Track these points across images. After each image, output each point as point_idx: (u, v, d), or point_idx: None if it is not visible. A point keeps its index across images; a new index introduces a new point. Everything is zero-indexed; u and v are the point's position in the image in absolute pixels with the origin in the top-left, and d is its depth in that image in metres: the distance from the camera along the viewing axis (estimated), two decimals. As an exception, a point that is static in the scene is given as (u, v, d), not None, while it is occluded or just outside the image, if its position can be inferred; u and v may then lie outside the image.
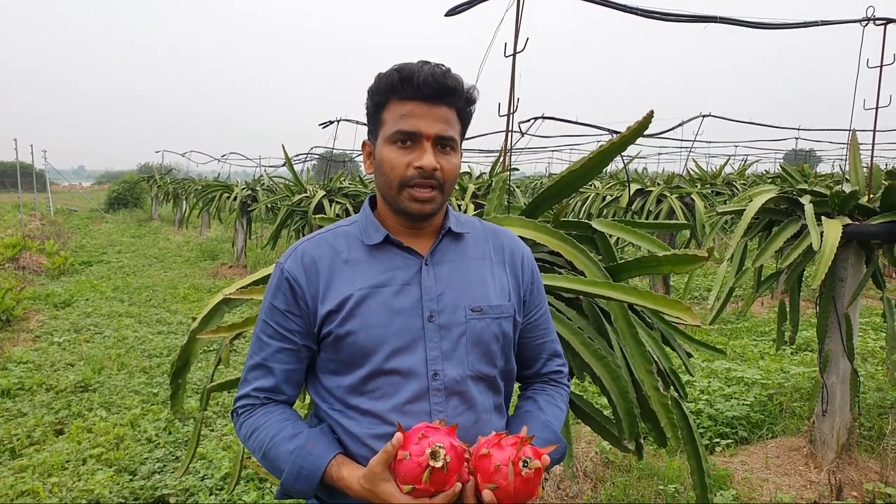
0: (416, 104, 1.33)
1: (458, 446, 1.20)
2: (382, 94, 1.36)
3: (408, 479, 1.17)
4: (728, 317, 7.79)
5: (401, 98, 1.34)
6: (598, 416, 2.25)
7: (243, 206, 11.73)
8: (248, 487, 3.62)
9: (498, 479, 1.20)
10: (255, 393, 1.42)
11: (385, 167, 1.36)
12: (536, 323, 1.54)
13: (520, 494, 1.20)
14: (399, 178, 1.34)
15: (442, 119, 1.34)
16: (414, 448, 1.18)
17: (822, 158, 24.91)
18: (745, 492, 3.54)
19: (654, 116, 2.02)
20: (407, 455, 1.17)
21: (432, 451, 1.16)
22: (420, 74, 1.31)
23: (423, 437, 1.19)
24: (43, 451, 4.19)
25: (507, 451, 1.22)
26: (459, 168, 1.41)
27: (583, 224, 2.36)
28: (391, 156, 1.34)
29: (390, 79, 1.34)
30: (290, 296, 1.39)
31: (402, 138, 1.33)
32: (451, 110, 1.36)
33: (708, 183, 9.03)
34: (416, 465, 1.16)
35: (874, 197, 3.69)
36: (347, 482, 1.27)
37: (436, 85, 1.32)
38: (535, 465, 1.20)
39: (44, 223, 18.90)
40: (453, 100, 1.36)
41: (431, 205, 1.35)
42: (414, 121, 1.32)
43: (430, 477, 1.16)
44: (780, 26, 3.83)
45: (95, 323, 7.63)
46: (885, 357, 4.20)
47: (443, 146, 1.35)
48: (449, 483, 1.18)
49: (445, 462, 1.16)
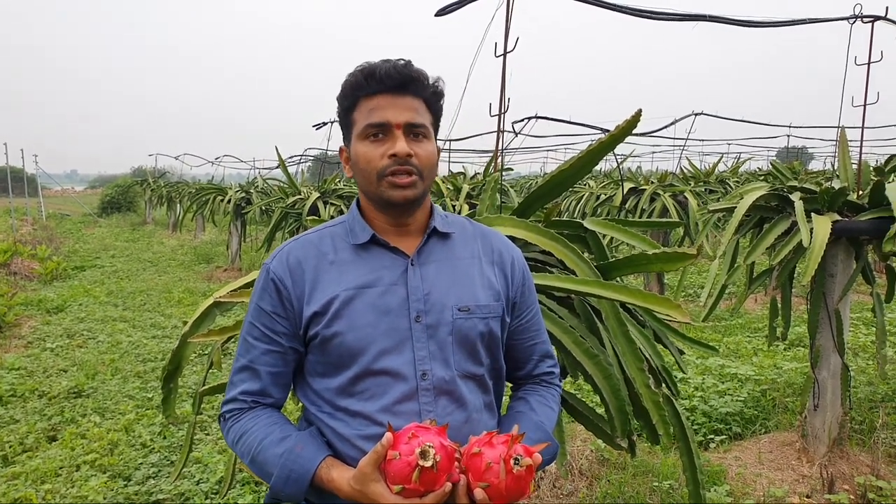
0: (382, 97, 1.35)
1: (449, 446, 1.21)
2: (350, 95, 1.39)
3: (397, 479, 1.18)
4: (722, 314, 7.81)
5: (367, 94, 1.36)
6: (591, 415, 2.26)
7: (237, 208, 11.71)
8: (243, 491, 3.62)
9: (489, 478, 1.20)
10: (242, 397, 1.42)
11: (361, 162, 1.37)
12: (528, 325, 1.55)
13: (511, 492, 1.21)
14: (376, 169, 1.35)
15: (409, 108, 1.36)
16: (403, 448, 1.18)
17: (814, 155, 24.99)
18: (739, 487, 3.55)
19: (642, 115, 2.03)
20: (397, 455, 1.18)
21: (422, 451, 1.16)
22: (382, 68, 1.35)
23: (413, 436, 1.19)
24: (36, 457, 4.17)
25: (498, 449, 1.22)
26: (436, 155, 1.42)
27: (574, 223, 2.37)
28: (365, 150, 1.36)
29: (355, 79, 1.38)
30: (276, 297, 1.39)
31: (374, 132, 1.36)
32: (417, 100, 1.38)
33: (701, 181, 9.05)
34: (405, 464, 1.17)
35: (863, 193, 3.71)
36: (337, 484, 1.27)
37: (398, 76, 1.35)
38: (526, 462, 1.21)
39: (36, 228, 18.81)
40: (418, 89, 1.38)
41: (413, 190, 1.36)
42: (381, 112, 1.35)
43: (420, 476, 1.16)
44: (768, 24, 3.85)
45: (89, 328, 7.60)
46: (875, 351, 4.22)
47: (415, 134, 1.37)
48: (439, 482, 1.18)
49: (435, 461, 1.16)
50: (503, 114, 2.86)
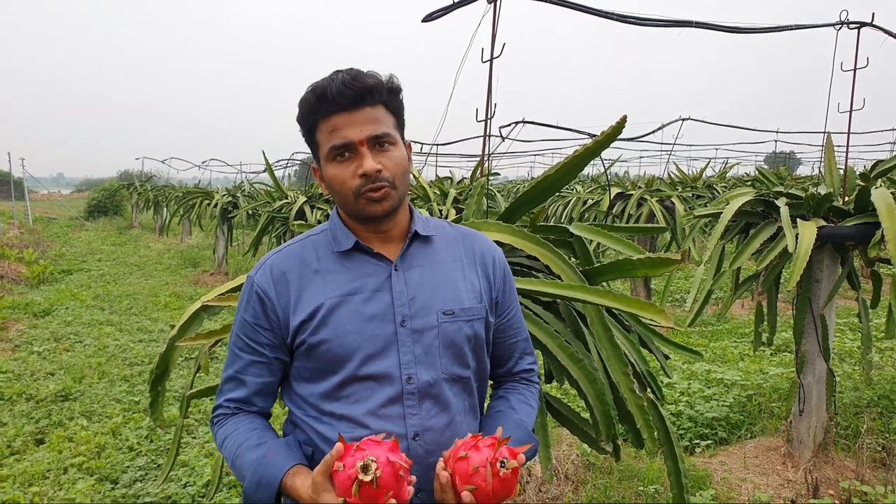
0: (339, 116, 1.34)
1: (397, 462, 1.19)
2: (308, 118, 1.38)
3: (340, 492, 1.17)
4: (708, 319, 7.85)
5: (324, 115, 1.35)
6: (576, 419, 2.27)
7: (224, 212, 11.68)
8: (230, 494, 3.61)
9: (476, 481, 1.21)
10: (227, 404, 1.45)
11: (335, 185, 1.37)
12: (509, 323, 1.56)
13: (498, 494, 1.22)
14: (350, 190, 1.35)
15: (369, 120, 1.34)
16: (348, 460, 1.18)
17: (801, 161, 25.14)
18: (724, 491, 3.57)
19: (628, 121, 2.05)
20: (341, 466, 1.17)
21: (363, 465, 1.15)
22: (332, 87, 1.32)
23: (360, 449, 1.19)
24: (23, 460, 4.15)
25: (484, 452, 1.23)
26: (406, 160, 1.41)
27: (560, 228, 2.38)
28: (335, 172, 1.36)
29: (308, 102, 1.36)
30: (260, 308, 1.40)
31: (339, 152, 1.35)
32: (375, 108, 1.36)
33: (688, 186, 9.08)
34: (346, 477, 1.16)
35: (849, 199, 3.74)
36: (299, 492, 1.27)
37: (350, 92, 1.32)
38: (511, 464, 1.22)
39: (22, 232, 18.70)
40: (374, 98, 1.36)
41: (389, 201, 1.36)
42: (342, 132, 1.33)
43: (360, 491, 1.15)
44: (755, 30, 3.88)
45: (76, 332, 7.56)
46: (860, 357, 4.25)
47: (380, 144, 1.36)
48: (380, 498, 1.16)
49: (375, 476, 1.15)
50: (490, 119, 2.88)
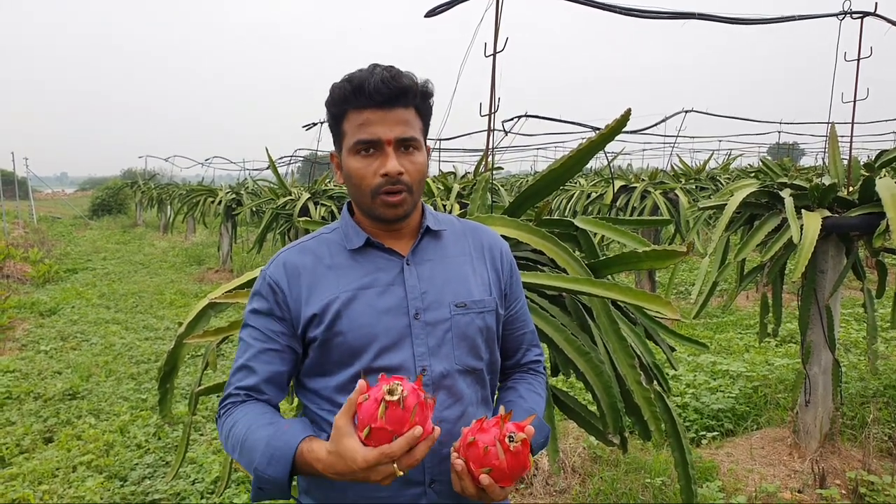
0: (371, 111, 1.33)
1: (421, 395, 1.17)
2: (338, 105, 1.37)
3: (365, 421, 1.15)
4: (713, 311, 7.85)
5: (356, 107, 1.34)
6: (583, 412, 2.27)
7: (228, 210, 11.69)
8: (238, 490, 3.62)
9: (490, 461, 1.21)
10: (236, 391, 1.41)
11: (354, 178, 1.37)
12: (517, 315, 1.58)
13: (514, 469, 1.23)
14: (368, 187, 1.36)
15: (400, 122, 1.34)
16: (373, 391, 1.17)
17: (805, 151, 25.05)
18: (731, 483, 3.58)
19: (632, 113, 2.05)
20: (366, 397, 1.16)
21: (389, 388, 1.14)
22: (371, 82, 1.31)
23: (383, 380, 1.17)
24: (32, 459, 4.18)
25: (491, 432, 1.24)
26: (426, 166, 1.42)
27: (565, 222, 2.38)
28: (357, 166, 1.36)
29: (343, 90, 1.35)
30: (272, 298, 1.41)
31: (364, 147, 1.35)
32: (407, 110, 1.36)
33: (692, 178, 9.07)
34: (372, 401, 1.14)
35: (853, 189, 3.73)
36: (316, 453, 1.22)
37: (387, 90, 1.32)
38: (520, 437, 1.23)
39: (27, 231, 18.75)
40: (408, 100, 1.36)
41: (403, 208, 1.38)
42: (372, 128, 1.33)
43: (386, 413, 1.12)
44: (758, 21, 3.88)
45: (82, 330, 7.59)
46: (866, 347, 4.25)
47: (405, 147, 1.36)
48: (406, 422, 1.14)
49: (402, 396, 1.13)
50: (493, 113, 2.88)
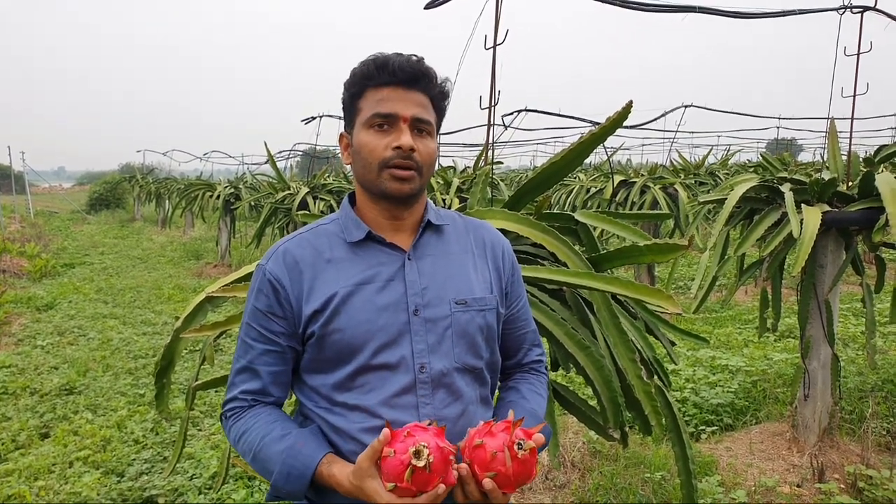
0: (391, 89, 1.36)
1: (445, 448, 1.20)
2: (359, 83, 1.39)
3: (391, 477, 1.18)
4: (713, 305, 7.85)
5: (377, 85, 1.37)
6: (583, 406, 2.27)
7: (226, 204, 11.67)
8: (236, 486, 3.61)
9: (496, 466, 1.20)
10: (243, 396, 1.42)
11: (364, 151, 1.37)
12: (518, 314, 1.56)
13: (519, 477, 1.22)
14: (378, 159, 1.35)
15: (418, 103, 1.37)
16: (399, 446, 1.18)
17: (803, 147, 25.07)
18: (730, 477, 3.57)
19: (632, 108, 2.03)
20: (392, 452, 1.18)
21: (416, 451, 1.16)
22: (395, 61, 1.35)
23: (409, 435, 1.19)
24: (29, 454, 4.16)
25: (499, 437, 1.22)
26: (436, 154, 1.43)
27: (565, 216, 2.37)
28: (369, 139, 1.36)
29: (366, 68, 1.38)
30: (273, 297, 1.39)
31: (380, 122, 1.36)
32: (425, 97, 1.39)
33: (691, 173, 9.06)
34: (399, 462, 1.16)
35: (853, 184, 3.72)
36: (338, 479, 1.26)
37: (410, 70, 1.36)
38: (529, 445, 1.22)
39: (24, 226, 18.71)
40: (428, 86, 1.39)
41: (411, 185, 1.36)
42: (391, 104, 1.35)
43: (412, 476, 1.16)
44: (758, 15, 3.85)
45: (79, 325, 7.57)
46: (864, 342, 4.25)
47: (419, 130, 1.37)
48: (431, 483, 1.17)
49: (428, 462, 1.16)
50: (493, 107, 2.86)
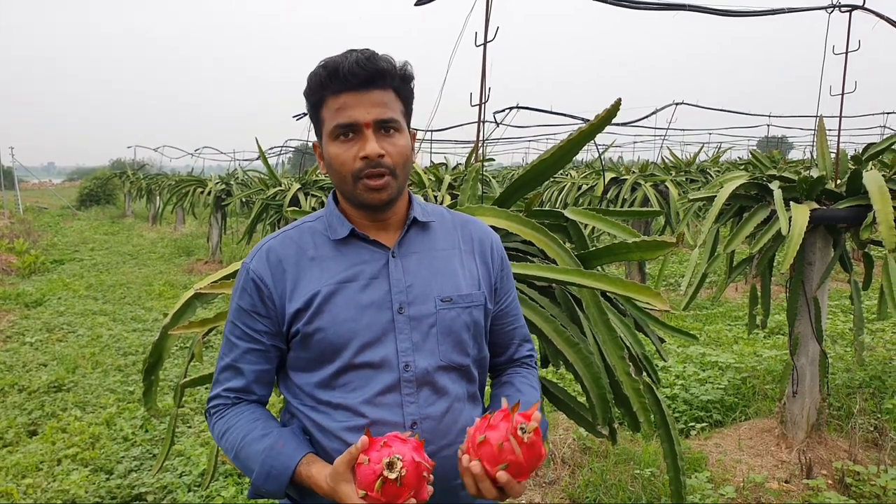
0: (348, 95, 1.31)
1: (421, 463, 1.19)
2: (316, 93, 1.36)
3: (362, 485, 1.17)
4: (703, 302, 7.87)
5: (333, 93, 1.33)
6: (573, 403, 2.27)
7: (217, 200, 11.63)
8: (226, 483, 3.61)
9: (506, 457, 1.18)
10: (226, 393, 1.42)
11: (335, 164, 1.35)
12: (507, 310, 1.55)
13: (531, 461, 1.20)
14: (350, 172, 1.33)
15: (377, 104, 1.33)
16: (374, 455, 1.18)
17: (793, 145, 25.16)
18: (719, 473, 3.59)
19: (622, 105, 2.03)
20: (366, 460, 1.17)
21: (389, 462, 1.15)
22: (345, 65, 1.30)
23: (386, 445, 1.19)
24: (16, 452, 4.14)
25: (501, 427, 1.21)
26: (409, 149, 1.39)
27: (555, 213, 2.37)
28: (337, 151, 1.34)
29: (318, 77, 1.34)
30: (257, 296, 1.38)
31: (343, 132, 1.33)
32: (385, 92, 1.34)
33: (682, 170, 9.09)
34: (371, 472, 1.16)
35: (841, 182, 3.74)
36: (316, 480, 1.27)
37: (362, 72, 1.30)
38: (531, 426, 1.19)
39: (13, 221, 18.59)
40: (385, 82, 1.34)
41: (387, 191, 1.35)
42: (349, 112, 1.31)
43: (382, 488, 1.15)
44: (748, 14, 3.87)
45: (68, 322, 7.53)
46: (853, 338, 4.27)
47: (385, 129, 1.34)
48: (402, 496, 1.16)
49: (400, 475, 1.15)
50: (484, 104, 2.86)
